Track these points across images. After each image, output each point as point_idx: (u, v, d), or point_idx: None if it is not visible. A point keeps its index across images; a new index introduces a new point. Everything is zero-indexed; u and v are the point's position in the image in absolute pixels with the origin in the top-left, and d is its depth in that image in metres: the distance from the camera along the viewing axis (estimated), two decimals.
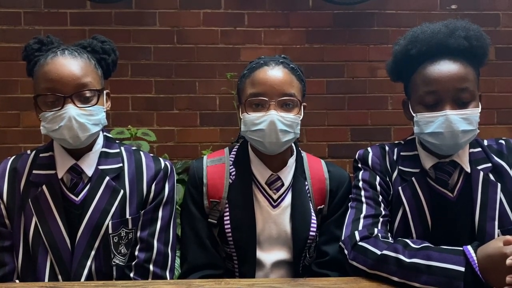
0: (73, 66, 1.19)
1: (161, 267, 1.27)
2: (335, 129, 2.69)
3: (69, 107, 1.17)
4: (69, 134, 1.18)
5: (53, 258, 1.19)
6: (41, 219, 1.20)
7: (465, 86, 1.16)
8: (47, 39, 1.28)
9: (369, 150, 1.35)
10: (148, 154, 1.35)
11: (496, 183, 1.21)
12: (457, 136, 1.15)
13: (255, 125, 1.28)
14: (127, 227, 1.24)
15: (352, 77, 2.70)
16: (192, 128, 2.66)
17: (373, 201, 1.25)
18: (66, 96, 1.17)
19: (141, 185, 1.28)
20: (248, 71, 1.35)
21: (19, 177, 1.25)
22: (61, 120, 1.17)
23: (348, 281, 1.10)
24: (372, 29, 2.69)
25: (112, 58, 1.34)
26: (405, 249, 1.07)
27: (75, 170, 1.24)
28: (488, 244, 0.98)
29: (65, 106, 1.17)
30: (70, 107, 1.17)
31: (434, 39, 1.20)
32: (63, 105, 1.17)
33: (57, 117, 1.17)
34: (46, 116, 1.18)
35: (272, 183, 1.35)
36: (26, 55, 1.27)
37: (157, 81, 2.65)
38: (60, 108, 1.17)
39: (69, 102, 1.17)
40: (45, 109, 1.18)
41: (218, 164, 1.39)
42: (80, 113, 1.18)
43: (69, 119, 1.16)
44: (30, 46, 1.26)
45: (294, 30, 2.68)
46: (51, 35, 1.31)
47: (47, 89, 1.17)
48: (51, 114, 1.17)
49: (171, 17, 2.64)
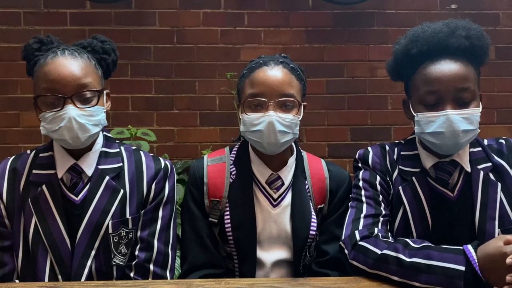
0: (74, 67, 1.19)
1: (161, 267, 1.27)
2: (335, 129, 2.69)
3: (69, 107, 1.17)
4: (69, 135, 1.18)
5: (53, 258, 1.19)
6: (41, 219, 1.20)
7: (466, 86, 1.16)
8: (47, 38, 1.28)
9: (369, 150, 1.35)
10: (148, 154, 1.35)
11: (496, 183, 1.21)
12: (458, 136, 1.15)
13: (254, 125, 1.28)
14: (127, 227, 1.24)
15: (352, 77, 2.70)
16: (192, 128, 2.66)
17: (373, 200, 1.25)
18: (66, 97, 1.16)
19: (141, 184, 1.28)
20: (247, 70, 1.35)
21: (19, 177, 1.25)
22: (61, 120, 1.16)
23: (349, 280, 1.10)
24: (372, 29, 2.69)
25: (112, 58, 1.34)
26: (406, 248, 1.07)
27: (75, 170, 1.24)
28: (488, 243, 0.98)
29: (65, 106, 1.17)
30: (70, 107, 1.17)
31: (435, 39, 1.20)
32: (63, 106, 1.17)
33: (57, 117, 1.17)
34: (46, 116, 1.18)
35: (272, 183, 1.35)
36: (26, 54, 1.27)
37: (157, 81, 2.65)
38: (60, 109, 1.17)
39: (69, 102, 1.17)
40: (45, 110, 1.18)
41: (219, 163, 1.39)
42: (80, 113, 1.18)
43: (69, 120, 1.16)
44: (30, 46, 1.26)
45: (294, 30, 2.68)
46: (51, 34, 1.31)
47: (47, 90, 1.17)
48: (51, 115, 1.17)
49: (171, 17, 2.64)
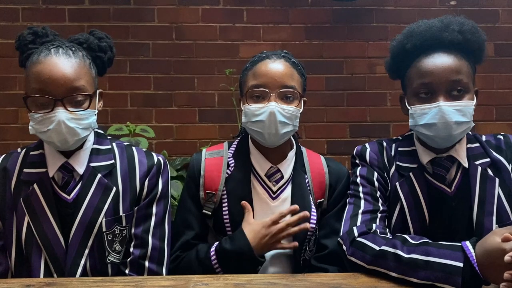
0: (67, 68, 1.14)
1: (157, 263, 1.25)
2: (334, 125, 2.69)
3: (59, 110, 1.13)
4: (58, 138, 1.14)
5: (47, 257, 1.17)
6: (34, 219, 1.18)
7: (458, 78, 1.17)
8: (42, 30, 1.24)
9: (366, 146, 1.35)
10: (140, 150, 1.33)
11: (494, 178, 1.21)
12: (451, 127, 1.16)
13: (256, 116, 1.29)
14: (121, 225, 1.22)
15: (351, 73, 2.69)
16: (191, 124, 2.66)
17: (371, 196, 1.26)
18: (57, 99, 1.12)
19: (134, 181, 1.26)
20: (250, 64, 1.38)
21: (10, 176, 1.22)
22: (50, 123, 1.13)
23: (347, 276, 1.10)
24: (371, 25, 2.68)
25: (108, 55, 1.30)
26: (404, 244, 1.07)
27: (66, 168, 1.21)
28: (485, 240, 0.97)
29: (55, 109, 1.13)
30: (60, 110, 1.13)
31: (428, 33, 1.21)
32: (53, 108, 1.13)
33: (46, 119, 1.13)
34: (35, 117, 1.14)
35: (271, 175, 1.36)
36: (19, 45, 1.23)
37: (156, 78, 2.64)
38: (50, 111, 1.13)
39: (60, 105, 1.13)
40: (35, 110, 1.14)
41: (217, 157, 1.40)
42: (70, 117, 1.14)
43: (58, 123, 1.12)
44: (23, 37, 1.22)
45: (293, 26, 2.67)
46: (47, 27, 1.26)
47: (37, 90, 1.12)
48: (40, 116, 1.13)
49: (170, 13, 2.63)
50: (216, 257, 1.25)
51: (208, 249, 1.28)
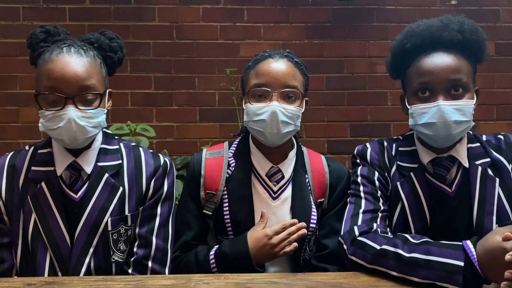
0: (78, 67, 1.15)
1: (160, 263, 1.26)
2: (335, 125, 2.69)
3: (70, 108, 1.14)
4: (67, 136, 1.16)
5: (52, 255, 1.17)
6: (41, 216, 1.19)
7: (458, 77, 1.17)
8: (54, 29, 1.24)
9: (367, 146, 1.35)
10: (147, 150, 1.34)
11: (494, 178, 1.21)
12: (450, 126, 1.16)
13: (257, 115, 1.29)
14: (126, 224, 1.23)
15: (351, 73, 2.69)
16: (191, 124, 2.66)
17: (372, 196, 1.26)
18: (68, 97, 1.14)
19: (140, 181, 1.27)
20: (253, 63, 1.38)
21: (18, 174, 1.24)
22: (60, 120, 1.14)
23: (347, 276, 1.10)
24: (372, 25, 2.68)
25: (118, 56, 1.31)
26: (405, 244, 1.07)
27: (74, 167, 1.22)
28: (486, 239, 0.97)
29: (66, 107, 1.14)
30: (71, 108, 1.14)
31: (428, 32, 1.21)
32: (64, 106, 1.14)
33: (57, 117, 1.14)
34: (45, 114, 1.15)
35: (272, 175, 1.36)
36: (30, 43, 1.23)
37: (156, 77, 2.64)
38: (61, 109, 1.14)
39: (71, 103, 1.14)
40: (45, 108, 1.15)
41: (217, 157, 1.40)
42: (81, 115, 1.15)
43: (68, 121, 1.14)
44: (35, 35, 1.23)
45: (293, 25, 2.67)
46: (58, 26, 1.27)
47: (49, 88, 1.14)
48: (51, 113, 1.15)
49: (170, 12, 2.64)
50: (215, 260, 1.26)
51: (208, 252, 1.29)
